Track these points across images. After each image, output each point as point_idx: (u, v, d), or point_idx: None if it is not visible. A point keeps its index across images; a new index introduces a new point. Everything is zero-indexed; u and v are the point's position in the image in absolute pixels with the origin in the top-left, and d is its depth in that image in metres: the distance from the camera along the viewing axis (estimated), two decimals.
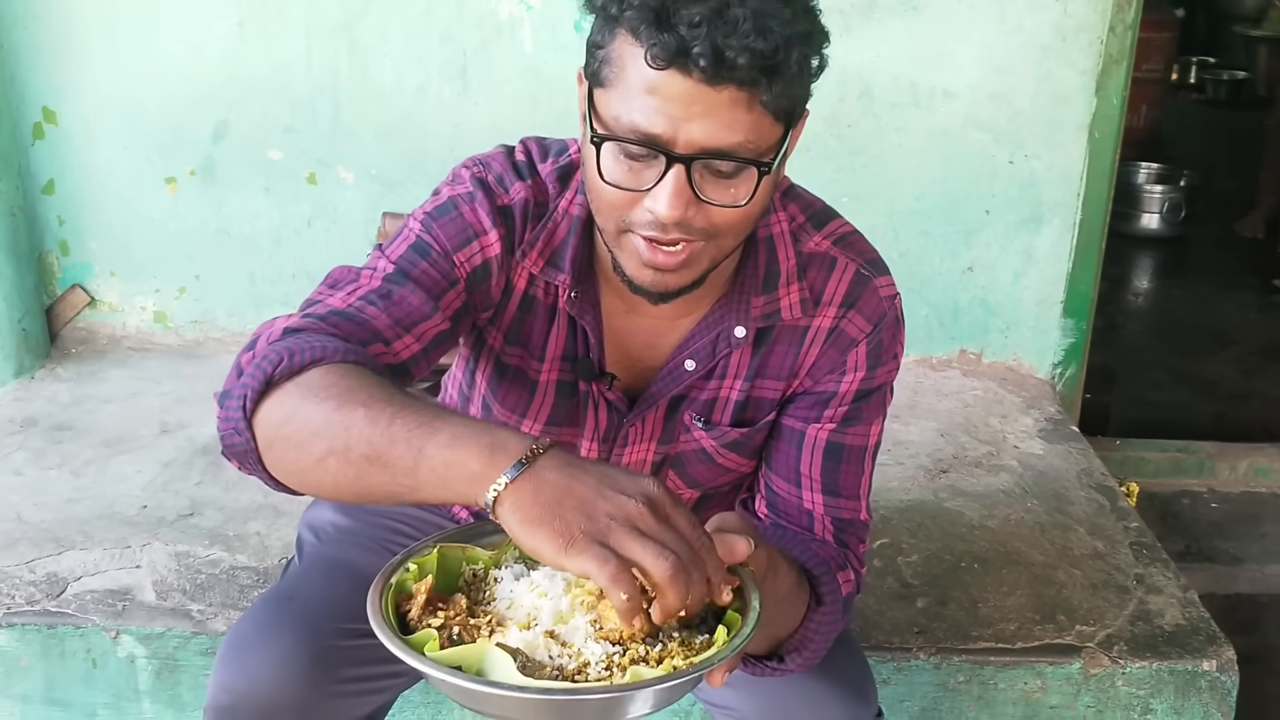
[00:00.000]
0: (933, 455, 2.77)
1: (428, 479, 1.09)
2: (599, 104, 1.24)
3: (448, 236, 1.40)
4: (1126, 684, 2.06)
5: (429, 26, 2.97)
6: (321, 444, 1.14)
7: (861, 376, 1.47)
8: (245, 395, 1.18)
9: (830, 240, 1.47)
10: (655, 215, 1.22)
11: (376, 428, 1.11)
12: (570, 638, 1.11)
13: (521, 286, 1.45)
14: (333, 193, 3.11)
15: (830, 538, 1.49)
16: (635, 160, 1.23)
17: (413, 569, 1.18)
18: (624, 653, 1.10)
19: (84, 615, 2.05)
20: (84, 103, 3.05)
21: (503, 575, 1.20)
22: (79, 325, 3.23)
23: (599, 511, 1.03)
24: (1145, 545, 2.42)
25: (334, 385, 1.16)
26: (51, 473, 2.54)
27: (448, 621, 1.12)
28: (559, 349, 1.47)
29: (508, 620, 1.13)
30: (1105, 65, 2.97)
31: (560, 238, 1.42)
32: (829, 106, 3.01)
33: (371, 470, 1.11)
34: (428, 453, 1.08)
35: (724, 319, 1.44)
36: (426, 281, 1.37)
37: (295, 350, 1.19)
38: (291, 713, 1.43)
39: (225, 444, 1.23)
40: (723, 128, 1.18)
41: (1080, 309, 3.20)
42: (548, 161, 1.45)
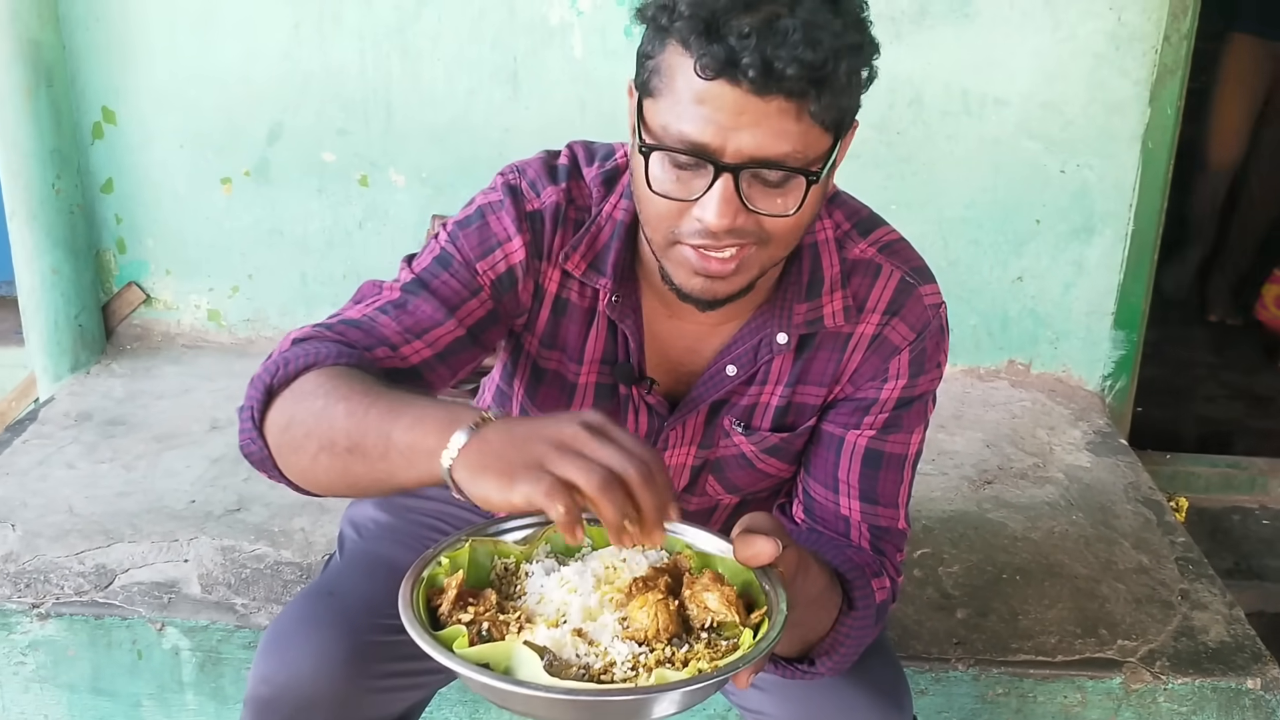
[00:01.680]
0: (977, 466, 2.76)
1: (398, 462, 1.13)
2: (648, 114, 1.25)
3: (470, 246, 1.42)
4: (1169, 700, 2.04)
5: (480, 31, 2.99)
6: (313, 442, 1.20)
7: (903, 384, 1.46)
8: (252, 406, 1.26)
9: (875, 247, 1.46)
10: (704, 224, 1.23)
11: (353, 420, 1.16)
12: (598, 636, 1.12)
13: (553, 290, 1.46)
14: (384, 195, 3.14)
15: (866, 545, 1.49)
16: (684, 170, 1.23)
17: (444, 563, 1.19)
18: (650, 653, 1.11)
19: (131, 607, 2.09)
20: (142, 103, 3.10)
21: (534, 570, 1.22)
22: (134, 322, 3.29)
23: (535, 443, 1.03)
24: (1192, 561, 2.39)
25: (321, 386, 1.22)
26: (103, 466, 2.58)
27: (477, 617, 1.13)
28: (598, 352, 1.48)
29: (536, 617, 1.14)
30: (1160, 75, 2.94)
31: (603, 241, 1.43)
32: (879, 114, 3.00)
33: (353, 461, 1.16)
34: (394, 437, 1.12)
35: (766, 325, 1.44)
36: (444, 292, 1.40)
37: (291, 358, 1.26)
38: (329, 706, 1.45)
39: (245, 455, 1.29)
40: (771, 137, 1.19)
41: (1131, 321, 3.17)
42: (593, 166, 1.46)
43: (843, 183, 1.52)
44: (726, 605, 1.17)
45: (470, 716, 2.07)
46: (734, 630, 1.17)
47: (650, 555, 1.25)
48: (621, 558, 1.22)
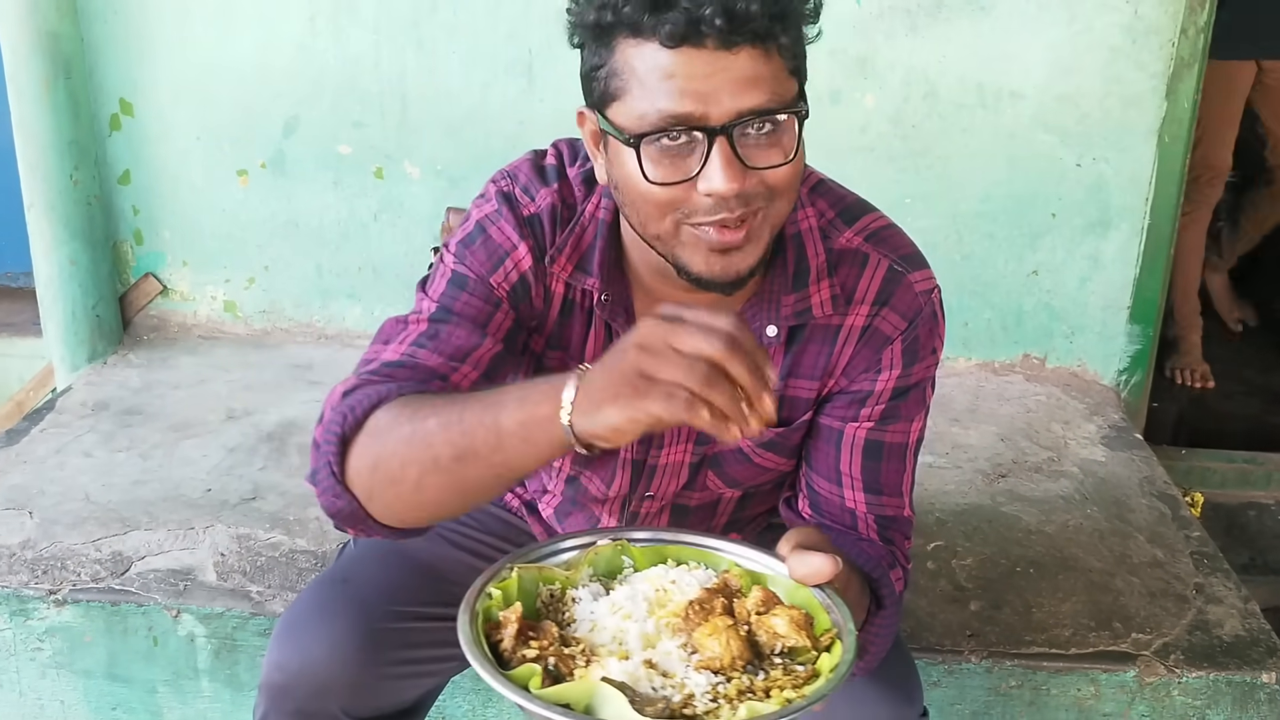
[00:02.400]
0: (991, 460, 2.75)
1: (514, 447, 1.13)
2: (616, 118, 1.24)
3: (480, 262, 1.41)
4: (1182, 694, 2.03)
5: (495, 24, 3.00)
6: (413, 470, 1.19)
7: (898, 374, 1.45)
8: (329, 463, 1.25)
9: (862, 236, 1.45)
10: (714, 193, 1.22)
11: (452, 429, 1.16)
12: (669, 667, 1.11)
13: (560, 292, 1.45)
14: (399, 187, 3.15)
15: (875, 535, 1.48)
16: (675, 152, 1.22)
17: (496, 595, 1.18)
18: (727, 682, 1.10)
19: (146, 594, 2.10)
20: (160, 95, 3.12)
21: (580, 595, 1.21)
22: (151, 313, 3.30)
23: (628, 357, 1.03)
24: (1206, 555, 2.39)
25: (400, 415, 1.22)
26: (120, 455, 2.60)
27: (542, 652, 1.11)
28: (598, 350, 1.48)
29: (599, 648, 1.13)
30: (1176, 68, 2.93)
31: (588, 241, 1.42)
32: (894, 107, 3.00)
33: (465, 468, 1.16)
34: (503, 425, 1.12)
35: (755, 319, 1.43)
36: (470, 312, 1.39)
37: (355, 405, 1.25)
38: (343, 692, 1.46)
39: (332, 515, 1.28)
40: (749, 88, 1.19)
41: (1147, 315, 3.16)
42: (574, 166, 1.46)
43: (859, 176, 1.51)
44: (796, 630, 1.16)
45: (483, 705, 2.08)
46: (806, 654, 1.16)
47: (699, 575, 1.24)
48: (670, 579, 1.22)
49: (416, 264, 3.12)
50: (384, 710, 1.53)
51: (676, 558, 1.30)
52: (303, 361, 3.14)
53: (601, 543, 1.29)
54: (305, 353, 3.20)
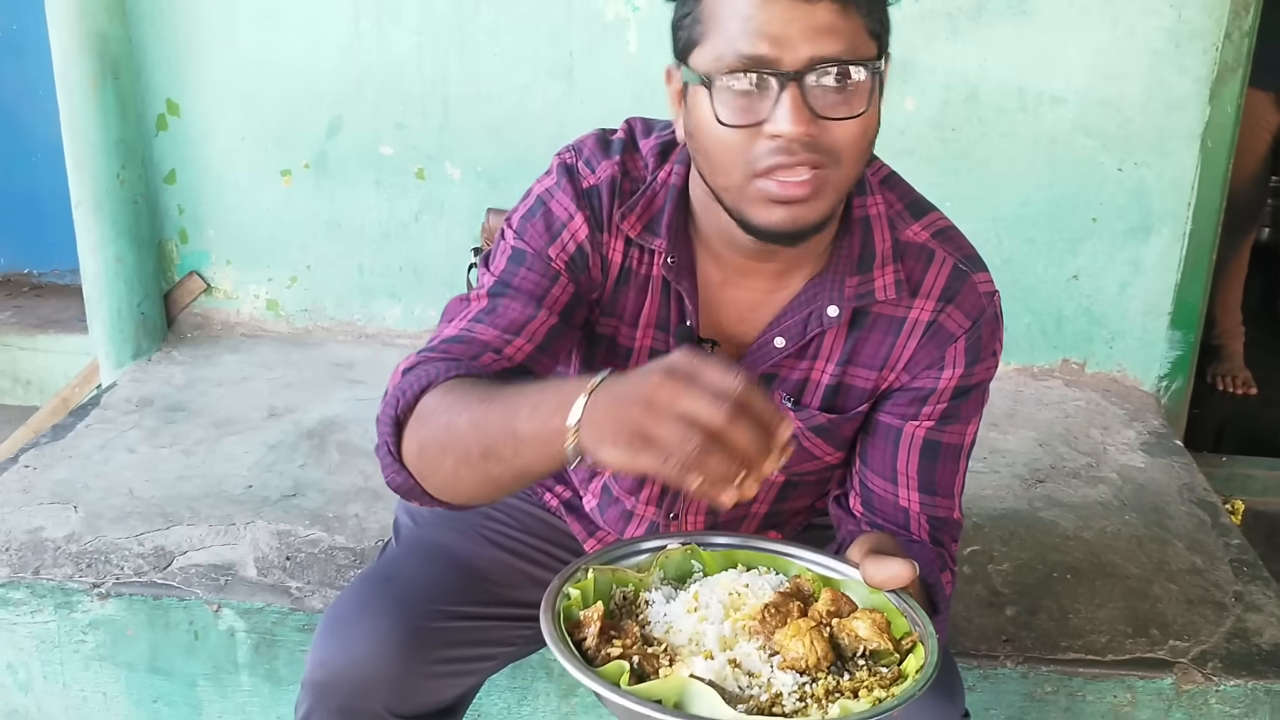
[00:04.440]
0: (1030, 465, 2.74)
1: (530, 455, 1.14)
2: (697, 62, 1.27)
3: (538, 235, 1.44)
4: (1220, 702, 2.02)
5: (537, 27, 3.01)
6: (450, 458, 1.23)
7: (960, 374, 1.46)
8: (387, 441, 1.29)
9: (929, 232, 1.46)
10: (780, 136, 1.23)
11: (479, 427, 1.19)
12: (753, 667, 1.12)
13: (617, 260, 1.47)
14: (440, 188, 3.17)
15: (926, 537, 1.49)
16: (748, 97, 1.24)
17: (575, 595, 1.20)
18: (813, 683, 1.11)
19: (188, 588, 2.12)
20: (205, 96, 3.15)
21: (654, 598, 1.22)
22: (195, 311, 3.34)
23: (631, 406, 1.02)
24: (1246, 563, 2.37)
25: (442, 403, 1.25)
26: (163, 451, 2.63)
27: (626, 651, 1.12)
28: (652, 316, 1.49)
29: (680, 648, 1.14)
30: (1220, 73, 2.90)
31: (658, 205, 1.44)
32: (934, 109, 2.99)
33: (490, 465, 1.19)
34: (520, 432, 1.14)
35: (817, 297, 1.44)
36: (527, 286, 1.42)
37: (407, 387, 1.29)
38: (386, 690, 1.48)
39: (394, 488, 1.33)
40: (825, 37, 1.22)
41: (1189, 321, 3.13)
42: (651, 137, 1.48)
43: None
44: (878, 633, 1.17)
45: (519, 703, 2.09)
46: (888, 657, 1.17)
47: (770, 579, 1.25)
48: (743, 583, 1.23)
49: (457, 264, 3.13)
50: (425, 708, 1.54)
51: (746, 563, 1.31)
52: (343, 360, 3.16)
53: (672, 546, 1.31)
54: (346, 351, 3.23)
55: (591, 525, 1.73)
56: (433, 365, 1.31)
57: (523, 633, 1.66)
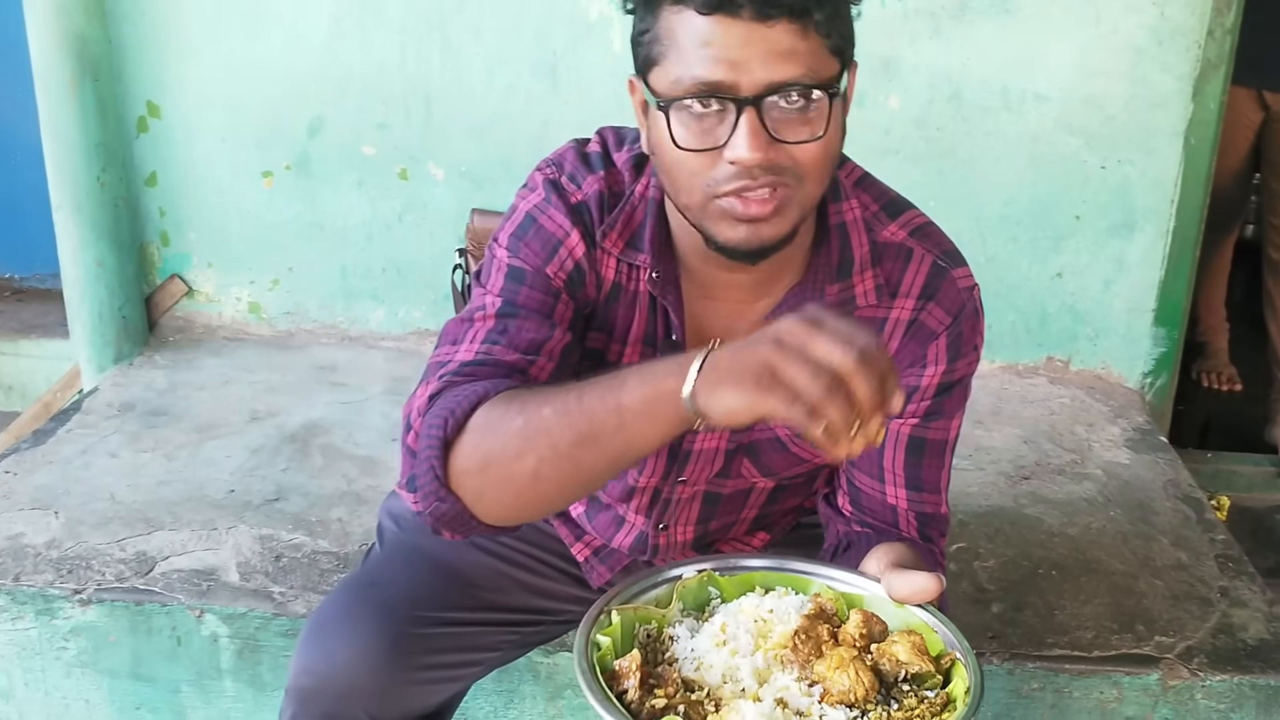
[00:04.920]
0: (1015, 462, 2.74)
1: (637, 425, 1.14)
2: (655, 82, 1.26)
3: (534, 253, 1.41)
4: (1206, 697, 2.02)
5: (521, 26, 3.00)
6: (529, 462, 1.19)
7: (942, 370, 1.46)
8: (433, 468, 1.24)
9: (906, 231, 1.46)
10: (738, 162, 1.22)
11: (570, 416, 1.17)
12: (800, 705, 1.11)
13: (610, 277, 1.45)
14: (423, 189, 3.16)
15: (915, 534, 1.50)
16: (705, 120, 1.23)
17: (605, 644, 1.17)
18: (864, 715, 1.10)
19: (170, 594, 2.11)
20: (186, 97, 3.14)
21: (678, 633, 1.21)
22: (177, 314, 3.32)
23: (760, 346, 1.05)
24: (1231, 558, 2.37)
25: (509, 410, 1.22)
26: (145, 455, 2.61)
27: (670, 701, 1.11)
28: (640, 331, 1.48)
29: (720, 689, 1.13)
30: (1203, 70, 2.91)
31: (639, 220, 1.43)
32: (918, 108, 2.99)
33: (585, 453, 1.17)
34: (626, 403, 1.14)
35: (798, 306, 1.43)
36: (533, 305, 1.39)
37: (453, 407, 1.25)
38: (371, 696, 1.47)
39: (435, 519, 1.28)
40: (782, 61, 1.20)
41: (1173, 318, 3.14)
42: (624, 150, 1.47)
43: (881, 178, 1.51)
44: (918, 655, 1.16)
45: (506, 706, 2.08)
46: (931, 679, 1.16)
47: (792, 601, 1.24)
48: (768, 609, 1.22)
49: (441, 265, 3.12)
50: (410, 714, 1.54)
51: (764, 584, 1.30)
52: (326, 363, 3.15)
53: (688, 574, 1.29)
54: (329, 354, 3.21)
55: (578, 529, 1.72)
56: (471, 385, 1.28)
57: (509, 638, 1.65)
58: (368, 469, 2.57)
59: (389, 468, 2.57)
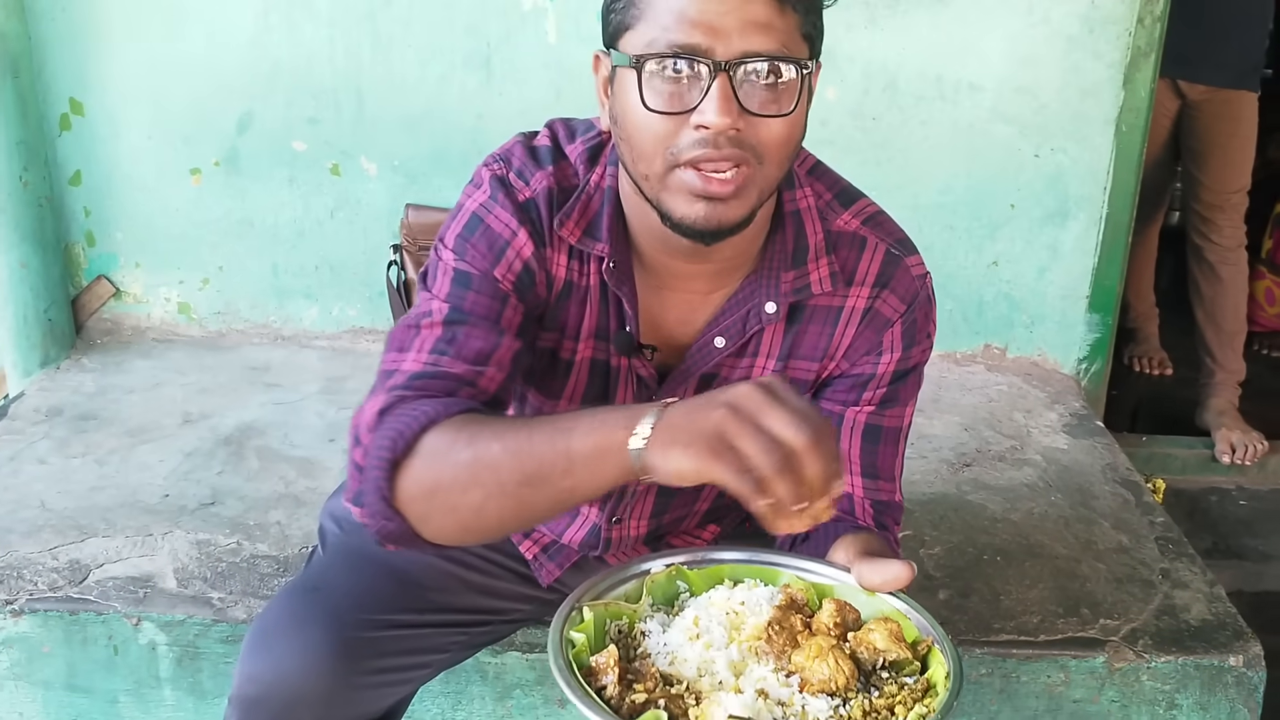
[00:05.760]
0: (956, 449, 2.76)
1: (584, 472, 1.13)
2: (628, 45, 1.26)
3: (481, 255, 1.39)
4: (1151, 678, 2.04)
5: (452, 17, 2.96)
6: (475, 494, 1.19)
7: (898, 357, 1.47)
8: (379, 488, 1.24)
9: (859, 219, 1.46)
10: (706, 125, 1.22)
11: (519, 456, 1.16)
12: (780, 695, 1.10)
13: (561, 275, 1.44)
14: (356, 184, 3.11)
15: (871, 521, 1.50)
16: (676, 83, 1.23)
17: (580, 640, 1.16)
18: (845, 704, 1.10)
19: (106, 602, 2.06)
20: (110, 94, 3.06)
21: (649, 628, 1.20)
22: (104, 316, 3.25)
23: (714, 409, 1.04)
24: (1171, 540, 2.40)
25: (458, 439, 1.21)
26: (75, 461, 2.55)
27: (650, 696, 1.10)
28: (592, 325, 1.47)
29: (695, 683, 1.12)
30: (1133, 58, 2.94)
31: (595, 209, 1.41)
32: (854, 99, 3.00)
33: (530, 492, 1.16)
34: (575, 450, 1.13)
35: (754, 295, 1.43)
36: (480, 311, 1.37)
37: (402, 428, 1.23)
38: (317, 703, 1.44)
39: (382, 536, 1.27)
40: (760, 32, 1.21)
41: (1106, 304, 3.18)
42: (576, 141, 1.45)
43: None
44: (895, 642, 1.16)
45: (454, 708, 2.05)
46: (909, 666, 1.16)
47: (762, 593, 1.23)
48: (739, 601, 1.21)
49: (375, 262, 3.08)
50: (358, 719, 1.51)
51: (733, 577, 1.29)
52: (259, 363, 3.09)
53: (656, 569, 1.29)
54: (262, 354, 3.15)
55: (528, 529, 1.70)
56: (422, 404, 1.26)
57: (457, 638, 1.63)
58: (305, 470, 2.53)
59: (327, 469, 2.53)
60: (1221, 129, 3.59)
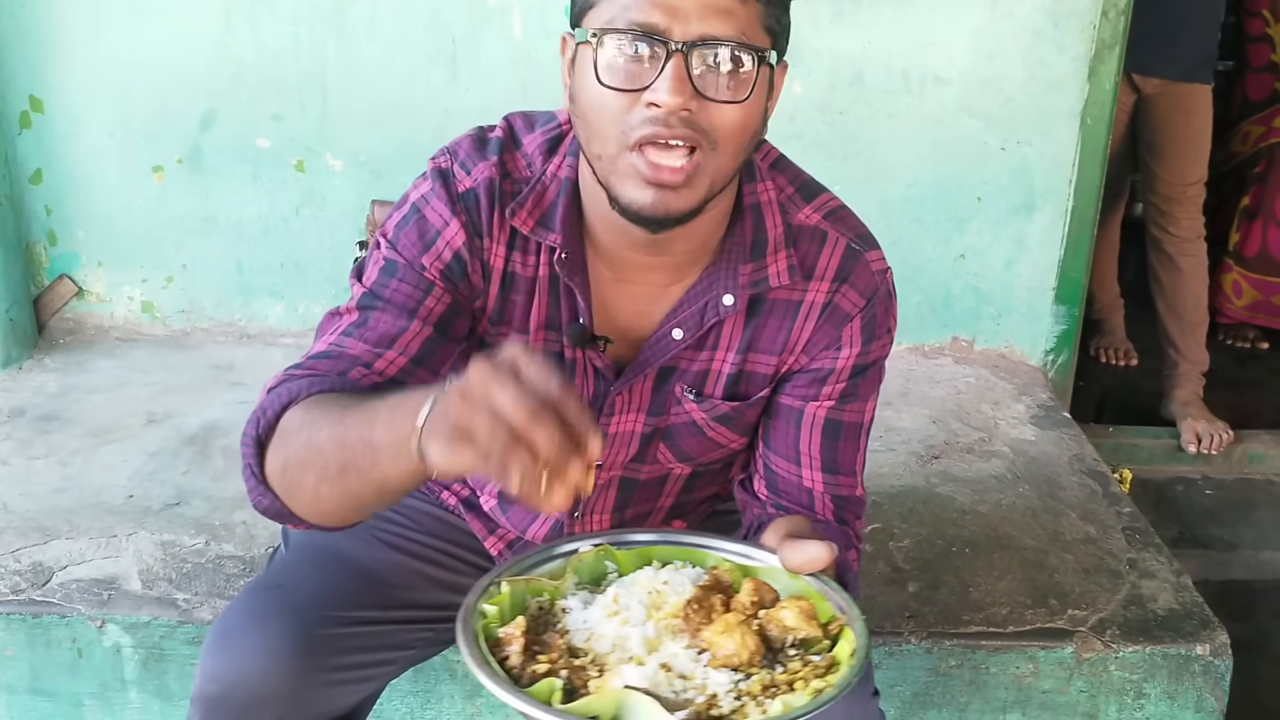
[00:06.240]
0: (924, 442, 2.77)
1: (386, 464, 1.12)
2: (590, 22, 1.26)
3: (411, 244, 1.40)
4: (1119, 668, 2.05)
5: (417, 12, 2.95)
6: (311, 476, 1.20)
7: (857, 352, 1.46)
8: (250, 463, 1.27)
9: (820, 214, 1.46)
10: (658, 103, 1.22)
11: (336, 441, 1.17)
12: (685, 669, 1.10)
13: (499, 266, 1.43)
14: (321, 180, 3.09)
15: (830, 516, 1.49)
16: (633, 62, 1.23)
17: (491, 612, 1.16)
18: (747, 679, 1.09)
19: (69, 604, 2.03)
20: (71, 91, 3.03)
21: (570, 604, 1.19)
22: (67, 315, 3.21)
23: (454, 399, 0.98)
24: (1138, 530, 2.42)
25: (302, 421, 1.23)
26: (38, 462, 2.52)
27: (553, 666, 1.09)
28: (542, 317, 1.46)
29: (604, 657, 1.12)
30: (1098, 50, 2.96)
31: (550, 199, 1.41)
32: (821, 93, 3.00)
33: (350, 479, 1.16)
34: (375, 441, 1.12)
35: (712, 287, 1.43)
36: (398, 299, 1.38)
37: (268, 405, 1.26)
38: (280, 702, 1.43)
39: (261, 511, 1.29)
40: (719, 18, 1.22)
41: (1072, 296, 3.19)
42: (535, 132, 1.45)
43: None
44: (805, 620, 1.16)
45: (423, 707, 2.04)
46: (818, 644, 1.16)
47: (689, 574, 1.23)
48: (662, 580, 1.21)
49: (341, 258, 3.06)
50: (323, 718, 1.49)
51: (662, 558, 1.29)
52: (224, 362, 3.07)
53: (584, 549, 1.28)
54: (227, 353, 3.13)
55: (491, 523, 1.69)
56: (295, 382, 1.28)
57: (423, 635, 1.61)
58: None
59: None
60: (1176, 122, 3.61)
